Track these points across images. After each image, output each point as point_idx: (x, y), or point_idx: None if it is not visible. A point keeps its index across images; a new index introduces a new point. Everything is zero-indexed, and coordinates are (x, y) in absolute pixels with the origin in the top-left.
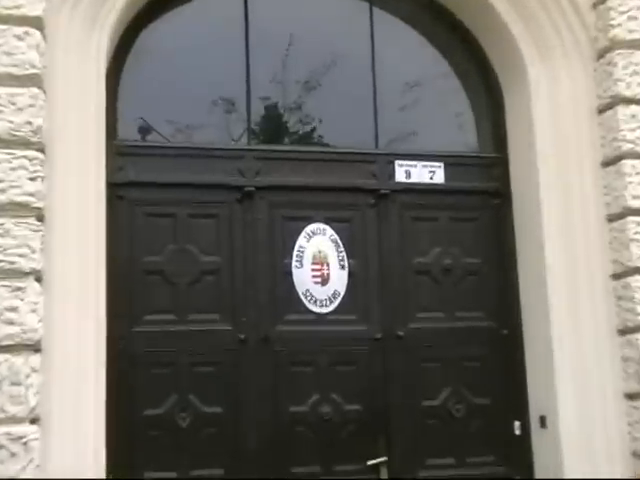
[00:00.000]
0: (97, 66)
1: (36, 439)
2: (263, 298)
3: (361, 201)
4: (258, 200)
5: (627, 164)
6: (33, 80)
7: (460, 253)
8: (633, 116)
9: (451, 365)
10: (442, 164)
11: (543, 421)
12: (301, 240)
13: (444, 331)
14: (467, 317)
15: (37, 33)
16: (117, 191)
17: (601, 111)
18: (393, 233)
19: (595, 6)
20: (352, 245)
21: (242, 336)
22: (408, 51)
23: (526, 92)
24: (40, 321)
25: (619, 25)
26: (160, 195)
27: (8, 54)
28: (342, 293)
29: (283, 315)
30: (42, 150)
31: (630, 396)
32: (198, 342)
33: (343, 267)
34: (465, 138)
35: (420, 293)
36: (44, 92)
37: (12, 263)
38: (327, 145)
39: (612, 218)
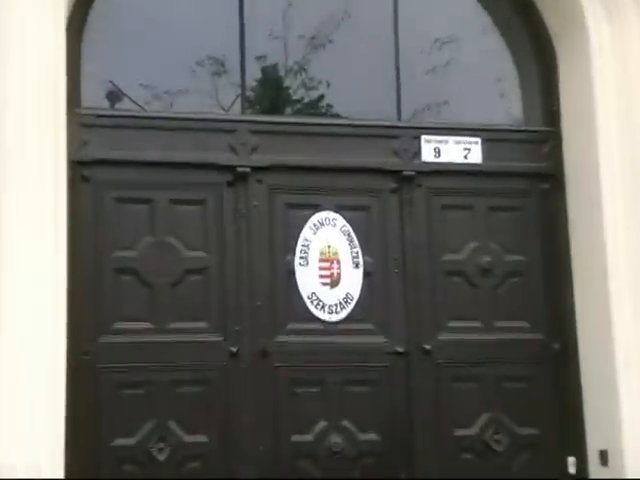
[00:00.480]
0: (55, 16)
1: None
2: (260, 303)
3: (380, 185)
4: (254, 183)
5: None
6: None
7: (501, 249)
8: None
9: (490, 386)
10: (479, 140)
11: (604, 457)
12: (306, 232)
13: (481, 344)
14: (509, 328)
15: None
16: (81, 171)
17: None
18: (419, 224)
19: None
20: (368, 239)
21: (234, 349)
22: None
23: (587, 54)
24: None
25: None
26: (134, 176)
27: None
28: (356, 297)
29: (284, 324)
30: None
31: None
32: (180, 356)
33: (357, 265)
34: (508, 108)
35: (452, 298)
36: None
37: None
38: (338, 116)
39: None
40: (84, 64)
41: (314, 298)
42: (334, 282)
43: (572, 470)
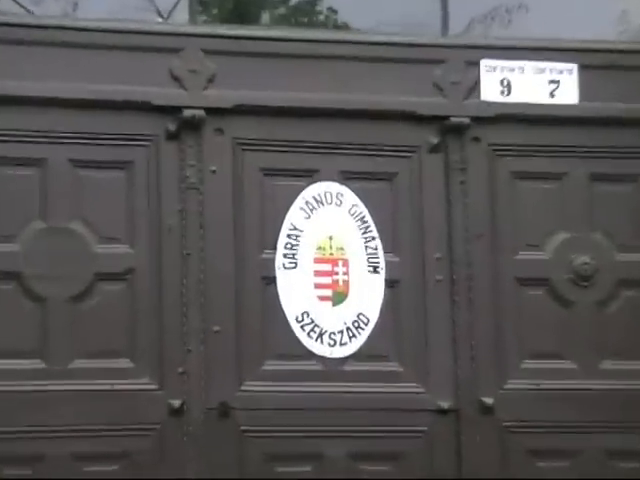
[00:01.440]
0: None
1: None
2: (219, 328)
3: (413, 139)
4: (211, 134)
5: None
6: None
7: (610, 244)
8: None
9: (591, 465)
10: (574, 67)
11: None
12: (295, 215)
13: (577, 399)
14: (622, 372)
15: None
16: None
17: None
18: (476, 203)
19: None
20: (394, 226)
21: (177, 402)
22: None
23: None
24: None
25: None
26: (16, 121)
27: None
28: (373, 320)
29: (258, 362)
30: None
31: None
32: (90, 414)
33: (375, 269)
34: (621, 16)
35: (529, 323)
36: None
37: None
38: (346, 29)
39: None
40: None
41: (307, 321)
42: (339, 295)
43: None
